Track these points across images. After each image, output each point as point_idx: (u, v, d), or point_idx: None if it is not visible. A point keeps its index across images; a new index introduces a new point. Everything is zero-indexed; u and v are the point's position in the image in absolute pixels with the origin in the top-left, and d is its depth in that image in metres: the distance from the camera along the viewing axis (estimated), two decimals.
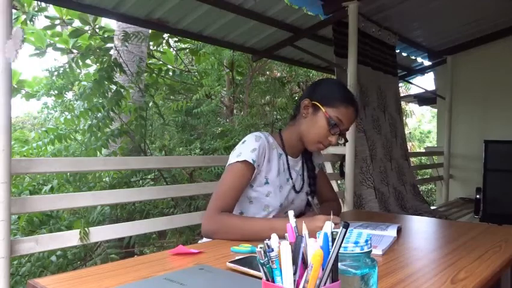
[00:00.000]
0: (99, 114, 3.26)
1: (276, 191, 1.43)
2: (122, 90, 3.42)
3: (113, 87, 3.40)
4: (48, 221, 2.90)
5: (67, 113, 3.78)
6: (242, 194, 1.41)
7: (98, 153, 3.28)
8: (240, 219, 1.34)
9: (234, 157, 1.37)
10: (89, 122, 3.27)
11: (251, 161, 1.35)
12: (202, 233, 1.33)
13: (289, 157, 1.50)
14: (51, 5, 5.46)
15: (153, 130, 4.33)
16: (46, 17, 5.59)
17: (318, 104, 1.41)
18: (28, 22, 5.03)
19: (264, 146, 1.40)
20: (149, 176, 3.79)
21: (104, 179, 3.39)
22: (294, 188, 1.50)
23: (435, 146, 5.67)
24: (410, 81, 5.43)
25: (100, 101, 3.36)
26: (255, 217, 1.43)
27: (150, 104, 3.97)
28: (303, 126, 1.45)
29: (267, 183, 1.42)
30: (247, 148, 1.37)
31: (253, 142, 1.39)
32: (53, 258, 2.75)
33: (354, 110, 1.43)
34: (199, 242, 1.41)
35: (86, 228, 1.72)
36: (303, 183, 1.55)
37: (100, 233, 1.81)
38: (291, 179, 1.49)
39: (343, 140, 1.46)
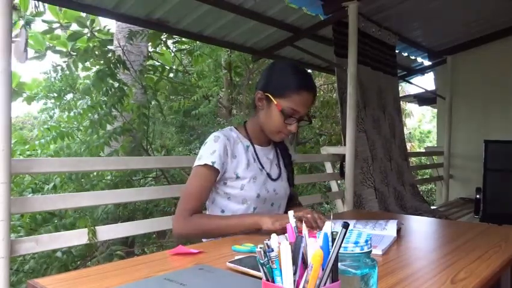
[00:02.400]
0: (101, 112, 3.27)
1: (249, 183, 1.43)
2: (125, 88, 3.42)
3: (116, 84, 3.41)
4: (51, 219, 2.90)
5: (67, 111, 3.78)
6: (219, 192, 1.45)
7: (100, 151, 3.28)
8: (209, 219, 1.38)
9: (196, 160, 1.41)
10: (91, 119, 3.28)
11: (210, 164, 1.36)
12: (174, 235, 1.37)
13: (258, 147, 1.50)
14: (47, 10, 5.47)
15: (154, 130, 4.34)
16: (43, 21, 5.60)
17: (269, 95, 1.39)
18: (25, 26, 5.04)
19: (224, 144, 1.40)
20: (150, 175, 3.79)
21: (106, 177, 3.39)
22: (269, 177, 1.49)
23: (435, 146, 5.67)
24: (410, 81, 5.43)
25: (103, 99, 3.37)
26: (225, 215, 1.45)
27: (152, 103, 3.97)
28: (261, 118, 1.45)
29: (238, 177, 1.42)
30: (207, 151, 1.39)
31: (212, 144, 1.40)
32: (59, 254, 2.74)
33: (309, 93, 1.39)
34: None
35: (93, 227, 1.72)
36: (281, 171, 1.54)
37: (105, 232, 1.81)
38: (263, 168, 1.48)
39: (307, 122, 1.47)
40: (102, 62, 3.48)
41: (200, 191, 1.38)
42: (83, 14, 5.37)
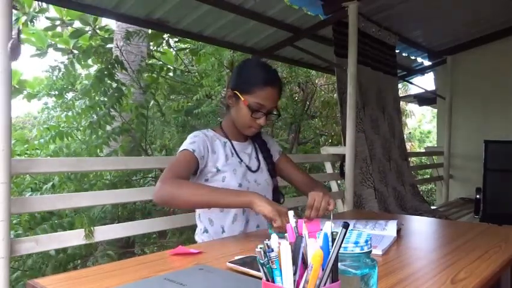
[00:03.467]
0: (100, 112, 3.27)
1: (230, 174, 1.49)
2: (123, 88, 3.41)
3: (114, 84, 3.40)
4: (49, 218, 2.89)
5: (68, 111, 3.77)
6: None
7: (99, 151, 3.28)
8: (202, 185, 1.42)
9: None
10: (90, 120, 3.27)
11: (191, 150, 1.43)
12: (155, 197, 1.32)
13: (235, 142, 1.57)
14: (51, 7, 5.46)
15: (154, 130, 4.32)
16: (47, 18, 5.59)
17: (237, 93, 1.48)
18: (28, 23, 5.04)
19: (202, 139, 1.48)
20: (150, 175, 3.78)
21: (105, 177, 3.39)
22: (249, 169, 1.55)
23: (435, 146, 5.67)
24: (410, 81, 5.43)
25: (102, 99, 3.37)
26: (218, 187, 1.44)
27: (151, 104, 3.96)
28: (233, 115, 1.53)
29: (218, 170, 1.48)
30: (186, 142, 1.48)
31: (191, 137, 1.49)
32: (52, 252, 2.74)
33: (273, 88, 1.47)
34: None
35: (91, 227, 1.72)
36: (260, 164, 1.60)
37: (103, 233, 1.81)
38: (242, 161, 1.55)
39: (277, 116, 1.55)
40: (101, 62, 3.48)
41: (180, 167, 1.39)
42: None
